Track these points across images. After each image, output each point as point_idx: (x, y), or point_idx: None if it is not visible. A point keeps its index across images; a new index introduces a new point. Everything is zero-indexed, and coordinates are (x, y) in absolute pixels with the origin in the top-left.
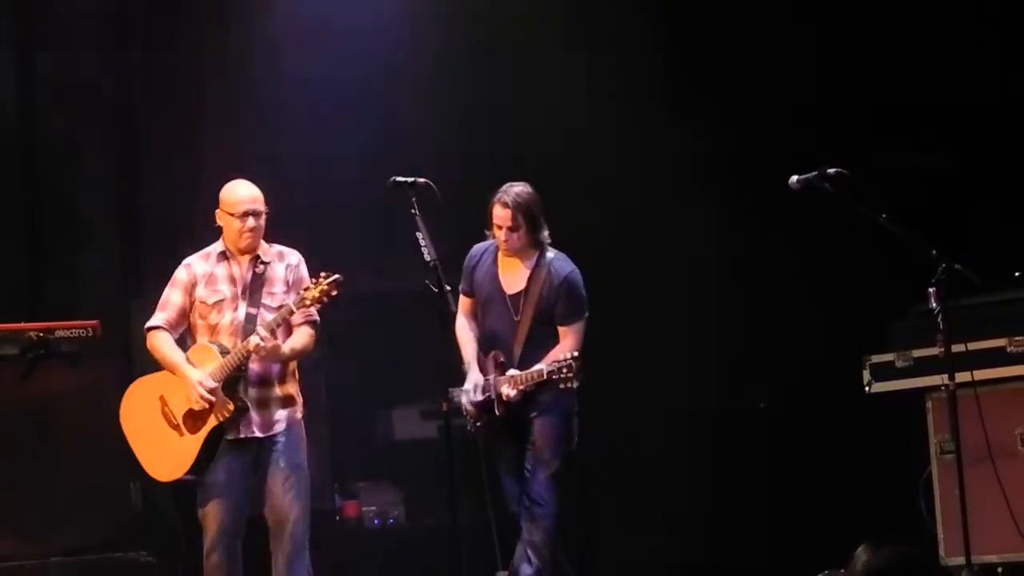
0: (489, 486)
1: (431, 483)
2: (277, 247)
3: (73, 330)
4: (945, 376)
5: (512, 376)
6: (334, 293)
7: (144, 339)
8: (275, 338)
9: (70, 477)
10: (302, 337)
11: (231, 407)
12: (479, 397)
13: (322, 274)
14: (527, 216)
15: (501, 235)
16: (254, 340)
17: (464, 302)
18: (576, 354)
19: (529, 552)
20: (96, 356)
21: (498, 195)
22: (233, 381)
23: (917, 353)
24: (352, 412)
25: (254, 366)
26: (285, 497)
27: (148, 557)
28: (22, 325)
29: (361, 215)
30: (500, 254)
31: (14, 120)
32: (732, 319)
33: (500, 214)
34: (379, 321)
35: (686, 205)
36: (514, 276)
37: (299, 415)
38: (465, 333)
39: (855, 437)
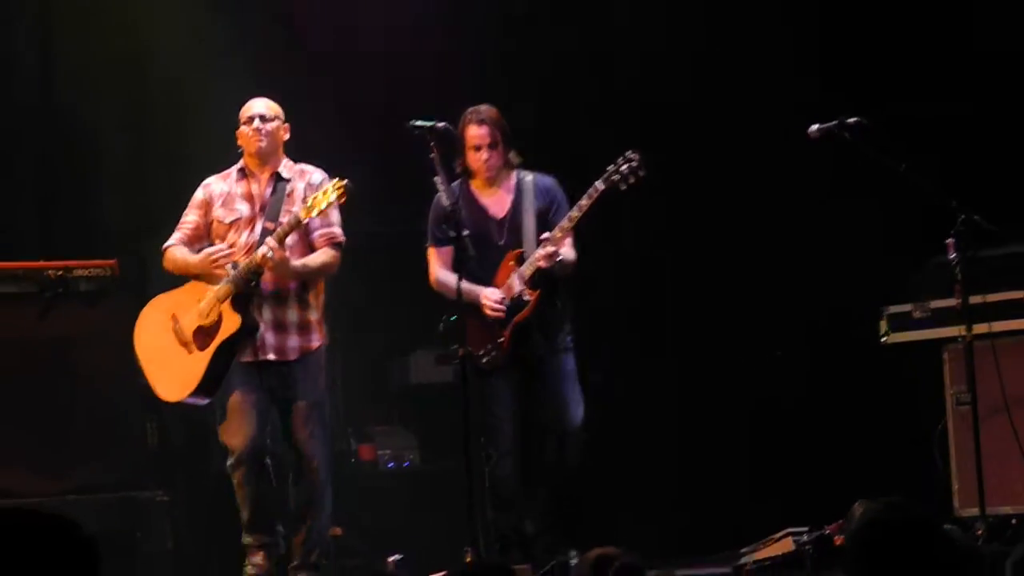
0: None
1: (446, 427)
2: (300, 165)
3: (91, 269)
4: (962, 327)
5: (547, 236)
6: (343, 199)
7: (161, 266)
8: (284, 250)
9: (86, 416)
10: (320, 256)
11: (239, 321)
12: (500, 295)
13: (332, 181)
14: (503, 131)
15: (480, 156)
16: (262, 250)
17: (436, 255)
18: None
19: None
20: (114, 295)
21: (467, 116)
22: (245, 298)
23: (935, 304)
24: (368, 356)
25: (268, 285)
26: (304, 435)
27: (163, 496)
28: (40, 264)
29: (380, 157)
30: (472, 185)
31: (30, 56)
32: (750, 267)
33: (477, 132)
34: (395, 265)
35: (705, 152)
36: (498, 201)
37: (316, 344)
38: (449, 274)
39: (870, 388)
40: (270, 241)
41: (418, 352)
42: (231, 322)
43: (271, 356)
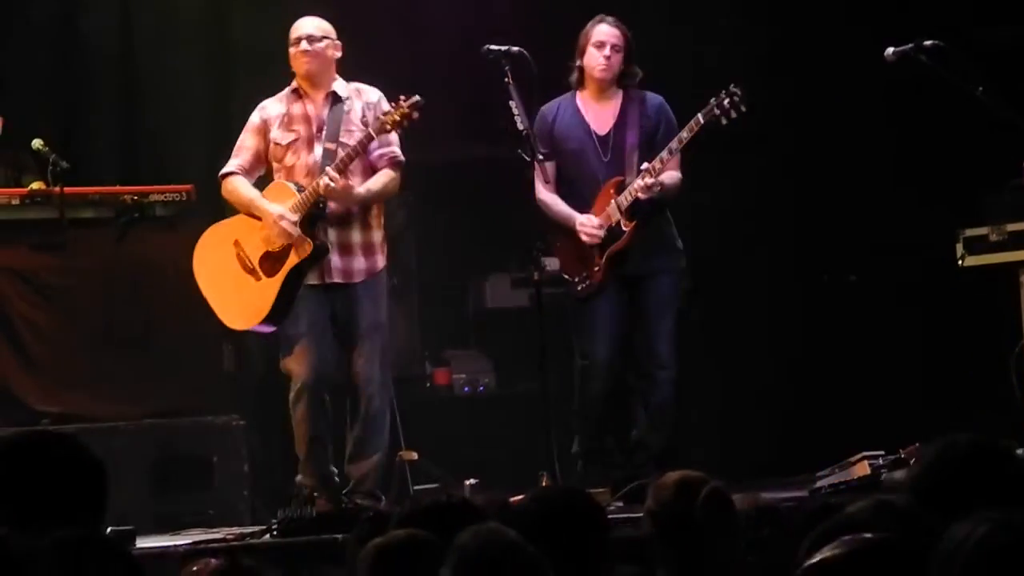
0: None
1: (522, 352)
2: (356, 84)
3: (168, 194)
4: None
5: (647, 167)
6: (415, 116)
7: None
8: (346, 177)
9: (163, 340)
10: (382, 178)
11: (310, 245)
12: (598, 222)
13: (401, 97)
14: (629, 42)
15: (602, 54)
16: (323, 181)
17: (543, 170)
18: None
19: (655, 417)
20: (190, 220)
21: (598, 17)
22: (311, 219)
23: (1011, 227)
24: (443, 280)
25: (333, 206)
26: (363, 362)
27: (239, 420)
28: (117, 188)
29: (454, 82)
30: (580, 97)
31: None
32: (825, 193)
33: (608, 31)
34: (471, 189)
35: (776, 79)
36: (602, 116)
37: (380, 265)
38: (552, 196)
39: (947, 312)
40: (330, 172)
41: (494, 276)
42: (302, 247)
43: (338, 279)
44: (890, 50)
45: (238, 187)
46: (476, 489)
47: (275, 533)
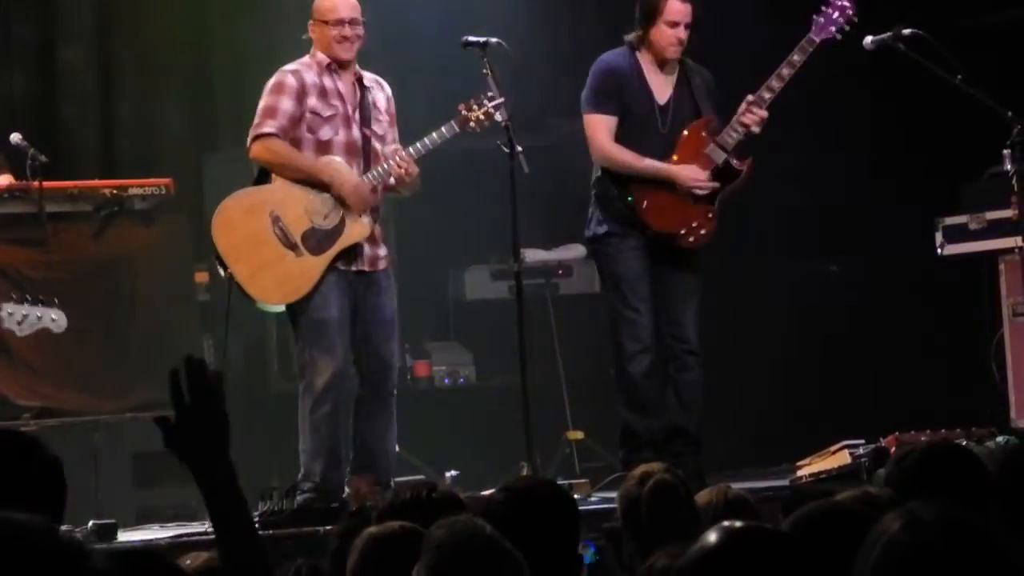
0: (562, 346)
1: (501, 343)
2: (370, 73)
3: (146, 187)
4: (1019, 238)
5: (753, 99)
6: (498, 117)
7: (248, 152)
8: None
9: (142, 334)
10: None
11: (369, 228)
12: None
13: (484, 97)
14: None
15: (676, 33)
16: (396, 167)
17: (603, 123)
18: None
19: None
20: (169, 213)
21: None
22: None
23: (991, 215)
24: (423, 272)
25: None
26: (388, 345)
27: None
28: (96, 182)
29: (434, 73)
30: (643, 61)
31: None
32: (803, 182)
33: (682, 9)
34: (450, 181)
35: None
36: (663, 86)
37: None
38: (628, 151)
39: (926, 300)
40: (404, 155)
41: (472, 268)
42: (357, 229)
43: (366, 267)
44: (868, 38)
45: (288, 150)
46: (456, 482)
47: (257, 526)
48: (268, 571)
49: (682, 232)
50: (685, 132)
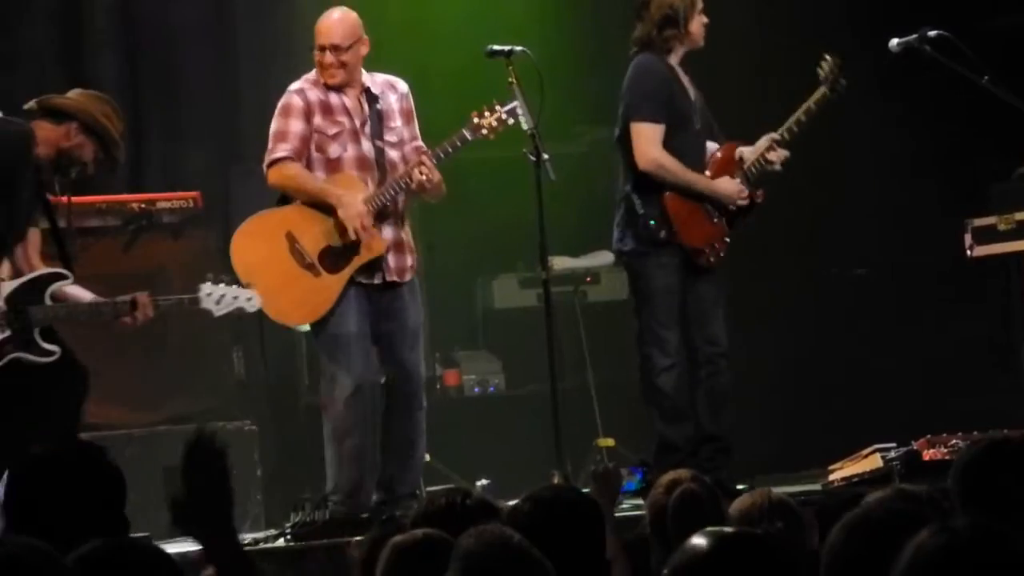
0: (591, 353)
1: (531, 351)
2: (382, 76)
3: (174, 201)
4: None
5: (775, 137)
6: (511, 123)
7: (265, 179)
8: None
9: (173, 348)
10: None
11: (383, 243)
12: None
13: (496, 104)
14: None
15: (703, 22)
16: (420, 173)
17: (653, 132)
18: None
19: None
20: (197, 227)
21: None
22: (382, 217)
23: (1019, 216)
24: (451, 281)
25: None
26: (415, 360)
27: (251, 425)
28: (123, 197)
29: (458, 82)
30: (674, 63)
31: None
32: (832, 186)
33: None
34: (478, 189)
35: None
36: (688, 84)
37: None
38: (672, 158)
39: (956, 301)
40: (428, 163)
41: (501, 276)
42: (375, 245)
43: (392, 278)
44: (894, 41)
45: (302, 173)
46: (487, 490)
47: (288, 537)
48: None
49: (705, 251)
50: (718, 153)
